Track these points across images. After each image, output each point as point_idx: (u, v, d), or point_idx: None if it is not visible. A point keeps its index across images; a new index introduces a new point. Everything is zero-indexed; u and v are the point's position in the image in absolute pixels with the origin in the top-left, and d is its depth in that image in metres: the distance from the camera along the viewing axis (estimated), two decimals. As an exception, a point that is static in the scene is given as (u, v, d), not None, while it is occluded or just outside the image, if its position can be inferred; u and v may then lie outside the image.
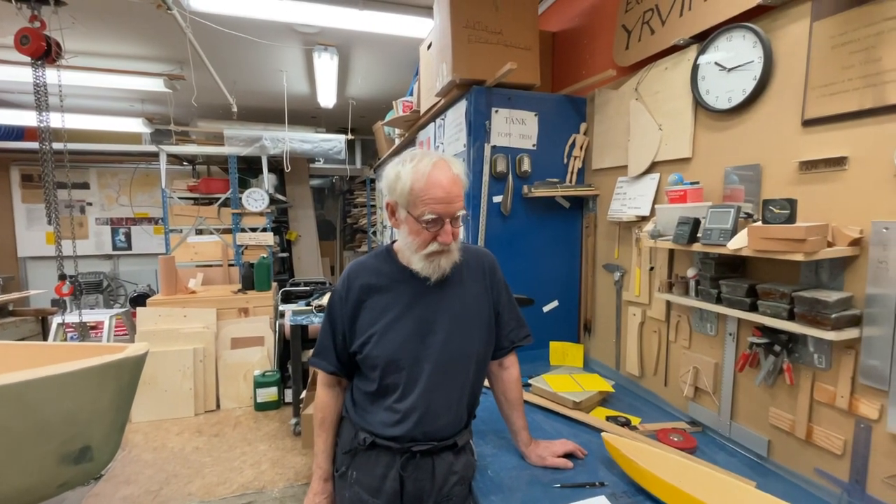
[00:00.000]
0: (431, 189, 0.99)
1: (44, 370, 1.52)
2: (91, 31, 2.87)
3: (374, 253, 1.17)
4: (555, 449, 1.24)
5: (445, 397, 1.08)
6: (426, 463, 1.07)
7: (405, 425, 1.05)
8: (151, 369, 3.31)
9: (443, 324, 1.08)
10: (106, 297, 5.63)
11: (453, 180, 1.01)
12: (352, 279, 1.11)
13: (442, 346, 1.07)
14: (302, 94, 4.35)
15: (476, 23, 1.80)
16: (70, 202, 2.90)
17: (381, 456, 1.07)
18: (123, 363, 1.74)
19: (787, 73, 1.16)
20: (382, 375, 1.07)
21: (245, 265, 4.12)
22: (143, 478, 2.64)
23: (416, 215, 1.00)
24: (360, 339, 1.08)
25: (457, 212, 1.02)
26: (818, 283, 1.09)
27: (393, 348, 1.05)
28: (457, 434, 1.11)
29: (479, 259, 1.19)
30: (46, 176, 2.57)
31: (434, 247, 1.02)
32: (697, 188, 1.36)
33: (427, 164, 1.01)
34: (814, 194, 1.10)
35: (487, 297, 1.17)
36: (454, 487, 1.10)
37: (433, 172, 1.00)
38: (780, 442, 1.21)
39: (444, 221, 1.01)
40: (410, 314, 1.07)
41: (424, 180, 0.99)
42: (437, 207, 0.99)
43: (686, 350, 1.50)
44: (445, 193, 0.99)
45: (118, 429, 1.82)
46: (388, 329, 1.06)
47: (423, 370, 1.06)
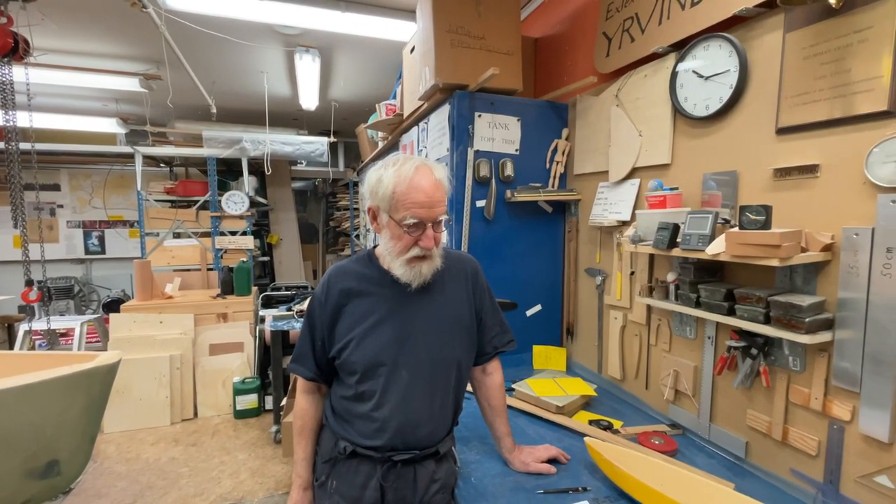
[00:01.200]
0: (413, 193, 0.98)
1: (7, 381, 1.45)
2: (62, 28, 2.78)
3: (356, 257, 1.16)
4: (538, 454, 1.23)
5: (425, 405, 1.07)
6: (407, 472, 1.06)
7: (385, 435, 1.04)
8: (125, 377, 3.20)
9: (423, 330, 1.07)
10: (77, 302, 5.44)
11: (436, 185, 1.01)
12: (332, 284, 1.10)
13: (422, 353, 1.06)
14: (283, 96, 4.29)
15: (459, 27, 1.80)
16: (38, 204, 2.79)
17: (361, 465, 1.06)
18: (94, 372, 1.68)
19: (761, 83, 1.19)
20: (360, 381, 1.05)
21: (224, 269, 4.03)
22: (115, 491, 2.55)
23: (397, 219, 1.00)
24: (339, 344, 1.07)
25: (439, 216, 1.01)
26: (793, 288, 1.11)
27: (371, 354, 1.04)
28: (439, 442, 1.10)
29: (461, 265, 1.18)
30: (13, 177, 2.47)
31: (415, 251, 1.02)
32: (677, 194, 1.38)
33: (409, 169, 1.00)
34: (788, 201, 1.12)
35: (470, 303, 1.16)
36: (436, 496, 1.09)
37: (415, 177, 0.99)
38: (757, 443, 1.23)
39: (425, 226, 1.00)
40: (390, 320, 1.06)
41: (406, 184, 0.99)
42: (418, 212, 0.98)
43: (666, 353, 1.52)
44: (427, 197, 0.99)
45: (88, 441, 1.75)
46: (368, 334, 1.05)
47: (402, 377, 1.05)
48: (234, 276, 3.89)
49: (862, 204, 0.98)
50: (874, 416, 0.96)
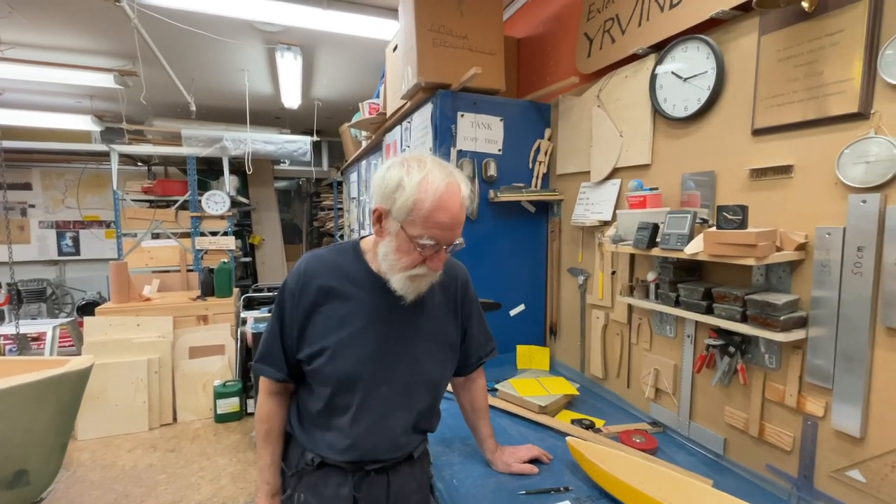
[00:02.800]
0: (438, 213, 0.87)
1: (-30, 389, 1.39)
2: (31, 22, 2.68)
3: (338, 248, 1.04)
4: (520, 455, 1.23)
5: (403, 421, 1.01)
6: (381, 480, 1.02)
7: (357, 451, 0.98)
8: (100, 382, 3.11)
9: (407, 344, 1.01)
10: (50, 305, 5.27)
11: (461, 206, 0.91)
12: (308, 278, 0.98)
13: (403, 369, 1.00)
14: (265, 94, 4.22)
15: (441, 26, 1.79)
16: (7, 204, 2.69)
17: (331, 476, 1.00)
18: (64, 378, 1.63)
19: (738, 84, 1.21)
20: (333, 394, 0.97)
21: (205, 270, 3.95)
22: (89, 500, 2.47)
23: (412, 234, 0.89)
24: (310, 349, 0.97)
25: (456, 239, 0.93)
26: (768, 287, 1.13)
27: (349, 367, 0.96)
28: (414, 448, 1.07)
29: (452, 273, 1.11)
30: (-21, 176, 2.38)
31: (420, 270, 0.92)
32: (656, 194, 1.40)
33: (439, 183, 0.87)
34: (763, 201, 1.14)
35: (456, 315, 1.11)
36: (411, 498, 1.06)
37: (444, 194, 0.87)
38: (735, 440, 1.25)
39: (441, 248, 0.92)
40: (372, 331, 0.97)
41: (432, 201, 0.86)
42: (439, 234, 0.89)
43: (647, 352, 1.53)
44: (452, 220, 0.89)
45: (58, 449, 1.70)
46: (346, 345, 0.96)
47: (380, 393, 0.98)
48: (214, 277, 3.81)
49: (834, 204, 1.00)
50: (846, 411, 0.98)
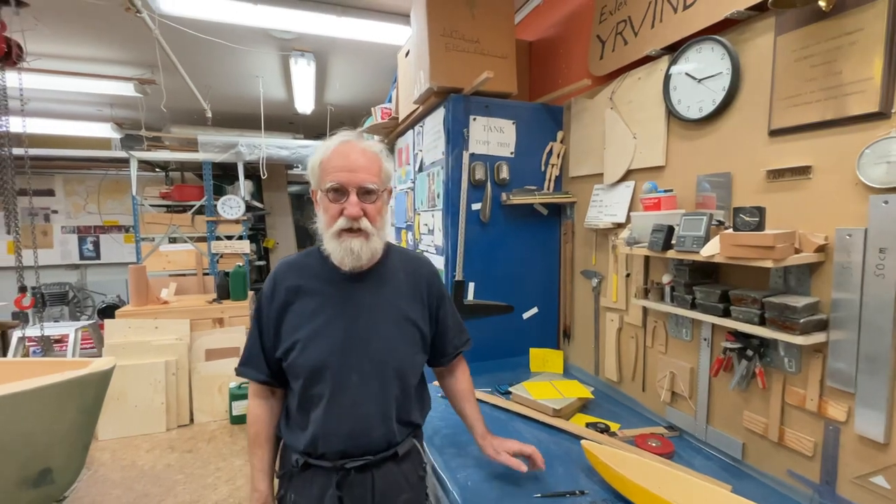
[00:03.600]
0: (334, 158, 0.98)
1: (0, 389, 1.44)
2: (56, 33, 2.77)
3: (307, 251, 1.11)
4: (508, 446, 1.17)
5: (377, 409, 1.02)
6: (364, 478, 1.02)
7: (334, 441, 0.99)
8: (120, 384, 3.18)
9: (375, 331, 1.03)
10: (72, 308, 5.41)
11: (361, 152, 0.99)
12: (278, 280, 1.05)
13: (372, 355, 1.02)
14: (279, 100, 4.28)
15: (453, 31, 1.80)
16: (32, 210, 2.77)
17: (315, 476, 1.02)
18: (87, 379, 1.67)
19: (754, 85, 1.20)
20: (305, 386, 1.01)
21: (220, 274, 4.01)
22: (109, 499, 2.52)
23: (323, 189, 0.98)
24: (285, 345, 1.02)
25: (363, 183, 0.97)
26: (787, 289, 1.12)
27: (317, 356, 0.99)
28: (397, 444, 1.06)
29: (417, 266, 1.14)
30: (6, 183, 2.46)
31: (342, 223, 0.97)
32: (671, 196, 1.39)
33: (336, 139, 1.01)
34: (781, 202, 1.13)
35: (423, 303, 1.12)
36: (399, 497, 1.06)
37: (339, 145, 1.00)
38: (753, 445, 1.23)
39: (348, 192, 0.97)
40: (339, 319, 1.01)
41: (329, 152, 0.99)
42: (339, 176, 0.96)
43: (663, 355, 1.52)
44: (348, 161, 0.97)
45: (81, 449, 1.74)
46: (315, 336, 1.00)
47: (351, 381, 1.00)
48: (230, 280, 3.87)
49: (854, 205, 0.98)
50: (869, 416, 0.96)
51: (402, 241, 2.56)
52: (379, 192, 1.01)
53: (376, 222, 1.01)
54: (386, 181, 1.04)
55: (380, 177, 1.01)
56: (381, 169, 1.01)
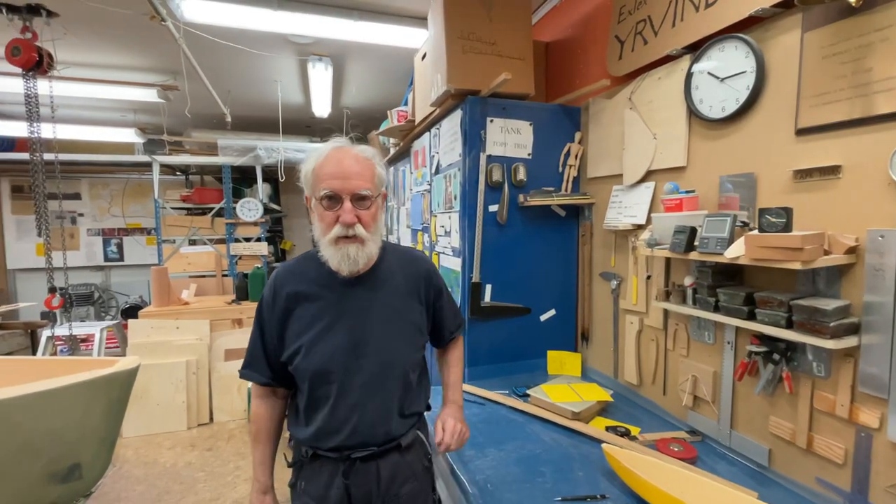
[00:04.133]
0: (326, 166, 0.99)
1: (30, 387, 1.48)
2: (84, 42, 2.86)
3: (303, 256, 1.13)
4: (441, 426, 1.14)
5: (380, 407, 1.06)
6: (369, 467, 1.05)
7: (340, 437, 1.03)
8: (143, 382, 3.26)
9: (375, 333, 1.05)
10: (97, 309, 5.56)
11: (354, 158, 1.00)
12: (278, 286, 1.07)
13: (374, 357, 1.04)
14: (296, 104, 4.35)
15: (470, 33, 1.81)
16: (61, 213, 2.86)
17: (323, 466, 1.06)
18: (114, 378, 1.71)
19: (779, 83, 1.17)
20: (311, 388, 1.04)
21: (239, 275, 4.09)
22: (133, 495, 2.58)
23: (317, 197, 0.99)
24: (290, 349, 1.05)
25: (357, 189, 0.98)
26: (815, 292, 1.09)
27: (322, 360, 1.02)
28: (401, 436, 1.09)
29: (414, 264, 1.17)
30: (37, 187, 2.54)
31: (338, 230, 0.98)
32: (693, 197, 1.37)
33: (328, 146, 1.02)
34: (809, 203, 1.10)
35: (420, 299, 1.15)
36: (404, 486, 1.09)
37: (332, 152, 1.00)
38: (780, 451, 1.20)
39: (342, 199, 0.98)
40: (340, 324, 1.04)
41: (322, 158, 1.00)
42: (332, 183, 0.97)
43: (684, 358, 1.49)
44: (341, 168, 0.98)
45: (108, 445, 1.78)
46: (317, 340, 1.03)
47: (355, 382, 1.03)
48: (248, 282, 3.94)
49: (887, 205, 0.96)
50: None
51: (419, 243, 2.57)
52: (373, 198, 1.02)
53: (370, 228, 1.02)
54: (379, 186, 1.05)
55: (373, 182, 1.02)
56: (374, 174, 1.02)
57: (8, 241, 5.45)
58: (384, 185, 1.08)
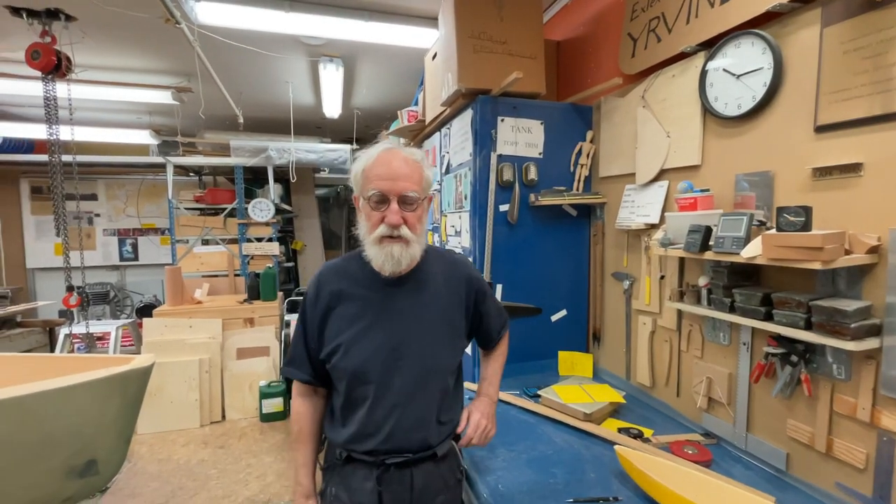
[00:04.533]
0: (376, 166, 1.00)
1: (50, 383, 1.51)
2: (100, 46, 2.91)
3: (348, 256, 1.13)
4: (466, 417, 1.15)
5: (418, 411, 1.04)
6: (403, 475, 1.04)
7: (376, 440, 1.02)
8: (157, 380, 3.30)
9: (415, 334, 1.05)
10: (113, 307, 5.65)
11: (403, 160, 1.01)
12: (322, 284, 1.08)
13: (413, 360, 1.03)
14: (307, 105, 4.38)
15: (481, 33, 1.80)
16: (78, 213, 2.92)
17: (357, 470, 1.04)
18: (129, 375, 1.73)
19: (798, 79, 1.15)
20: (349, 388, 1.04)
21: (251, 275, 4.12)
22: (148, 490, 2.62)
23: (365, 197, 1.01)
24: (328, 347, 1.05)
25: (404, 191, 0.98)
26: (835, 292, 1.07)
27: (360, 360, 1.02)
28: (437, 445, 1.07)
29: (455, 267, 1.15)
30: (55, 188, 2.60)
31: (382, 230, 0.99)
32: (708, 195, 1.35)
33: (379, 148, 1.04)
34: (829, 201, 1.08)
35: (462, 304, 1.13)
36: (437, 497, 1.07)
37: (382, 154, 1.02)
38: (799, 455, 1.17)
39: (389, 200, 0.98)
40: (380, 325, 1.04)
41: (373, 160, 1.01)
42: (380, 184, 0.98)
43: (698, 360, 1.47)
44: (390, 170, 0.99)
45: (124, 441, 1.80)
46: (357, 340, 1.03)
47: (393, 384, 1.02)
48: (260, 281, 3.97)
49: (911, 203, 0.93)
50: (929, 427, 0.90)
51: (429, 242, 2.57)
52: (419, 201, 1.02)
53: (416, 229, 1.02)
54: (426, 189, 1.05)
55: (420, 185, 1.02)
56: (422, 177, 1.03)
57: (27, 240, 5.56)
58: (431, 188, 1.09)
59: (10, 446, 1.42)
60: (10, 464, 1.43)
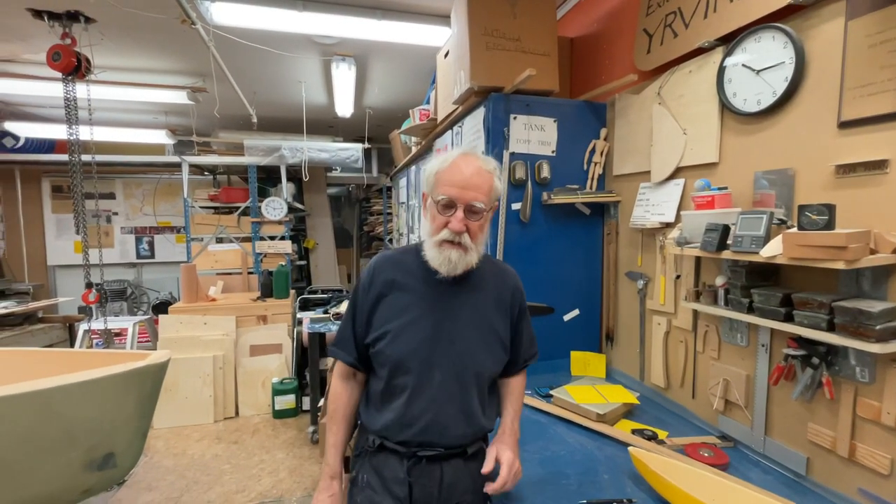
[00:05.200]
0: (450, 172, 1.02)
1: (70, 377, 1.54)
2: (119, 47, 2.96)
3: (404, 248, 1.16)
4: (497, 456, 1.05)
5: (455, 408, 1.05)
6: (434, 469, 1.05)
7: (411, 431, 1.03)
8: (172, 376, 3.36)
9: (461, 333, 1.06)
10: (130, 304, 5.76)
11: (476, 170, 1.02)
12: (376, 272, 1.10)
13: (456, 356, 1.05)
14: (320, 104, 4.41)
15: (494, 30, 1.79)
16: (97, 212, 2.98)
17: (389, 459, 1.06)
18: (146, 370, 1.77)
19: (820, 74, 1.12)
20: (391, 375, 1.06)
21: (264, 273, 4.17)
22: (164, 484, 2.67)
23: (434, 199, 1.03)
24: (375, 333, 1.07)
25: (472, 201, 1.00)
26: (859, 293, 1.04)
27: (405, 349, 1.04)
28: (469, 444, 1.08)
29: (505, 276, 1.17)
30: (75, 187, 2.65)
31: (445, 234, 1.00)
32: (725, 194, 1.32)
33: (456, 153, 1.05)
34: (853, 199, 1.05)
35: (506, 313, 1.14)
36: (464, 496, 1.07)
37: (458, 159, 1.03)
38: (819, 459, 1.14)
39: (456, 207, 1.00)
40: (429, 317, 1.05)
41: (447, 165, 1.03)
42: (450, 190, 1.00)
43: (715, 361, 1.44)
44: (462, 178, 1.00)
45: (141, 435, 1.84)
46: (404, 329, 1.05)
47: (434, 377, 1.04)
48: (273, 279, 4.01)
49: (940, 201, 0.90)
50: (958, 433, 0.87)
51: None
52: (485, 211, 1.03)
53: (477, 238, 1.03)
54: (494, 199, 1.06)
55: (489, 196, 1.03)
56: (491, 188, 1.04)
57: (48, 238, 5.70)
58: (498, 198, 1.09)
59: (32, 438, 1.46)
60: (32, 456, 1.47)
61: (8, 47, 2.93)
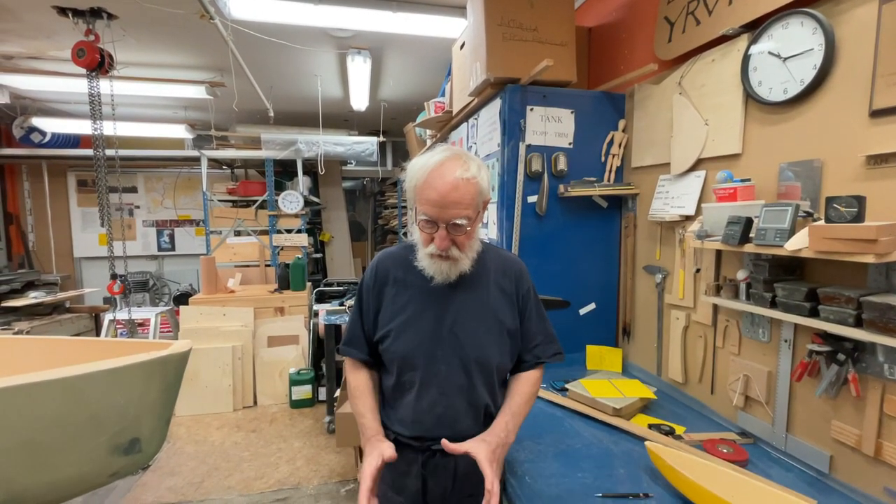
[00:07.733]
0: (426, 190, 0.95)
1: (99, 364, 1.59)
2: (140, 43, 3.02)
3: (406, 245, 1.15)
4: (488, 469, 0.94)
5: (464, 400, 1.06)
6: (448, 463, 1.06)
7: (423, 426, 1.05)
8: (193, 365, 3.44)
9: (463, 325, 1.06)
10: (152, 295, 5.92)
11: (453, 185, 0.93)
12: (379, 269, 1.12)
13: (460, 348, 1.05)
14: (335, 98, 4.43)
15: (511, 20, 1.77)
16: (120, 205, 3.05)
17: (404, 453, 1.06)
18: (169, 359, 1.81)
19: (851, 61, 1.08)
20: (399, 372, 1.07)
21: (281, 266, 4.23)
22: (186, 469, 2.75)
23: (416, 213, 1.00)
24: (381, 331, 1.08)
25: (453, 219, 0.95)
26: (889, 288, 1.00)
27: (409, 346, 1.05)
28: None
29: (507, 266, 1.14)
30: (100, 181, 2.72)
31: (432, 249, 0.99)
32: (748, 186, 1.29)
33: (432, 162, 0.96)
34: (884, 191, 1.01)
35: (513, 306, 1.12)
36: (478, 487, 1.03)
37: (434, 172, 0.95)
38: (843, 457, 1.12)
39: (437, 226, 0.97)
40: (430, 313, 1.06)
41: (424, 179, 0.96)
42: (430, 210, 0.96)
43: (735, 356, 1.42)
44: (439, 197, 0.93)
45: (164, 422, 1.89)
46: (407, 326, 1.06)
47: (439, 371, 1.05)
48: (290, 272, 4.07)
49: (979, 193, 0.86)
50: None
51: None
52: (470, 222, 0.99)
53: (465, 248, 1.01)
54: (480, 205, 1.01)
55: (472, 205, 0.97)
56: (474, 196, 0.97)
57: (75, 231, 5.87)
58: (487, 197, 1.04)
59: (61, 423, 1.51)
60: (62, 439, 1.52)
61: (34, 44, 3.01)
